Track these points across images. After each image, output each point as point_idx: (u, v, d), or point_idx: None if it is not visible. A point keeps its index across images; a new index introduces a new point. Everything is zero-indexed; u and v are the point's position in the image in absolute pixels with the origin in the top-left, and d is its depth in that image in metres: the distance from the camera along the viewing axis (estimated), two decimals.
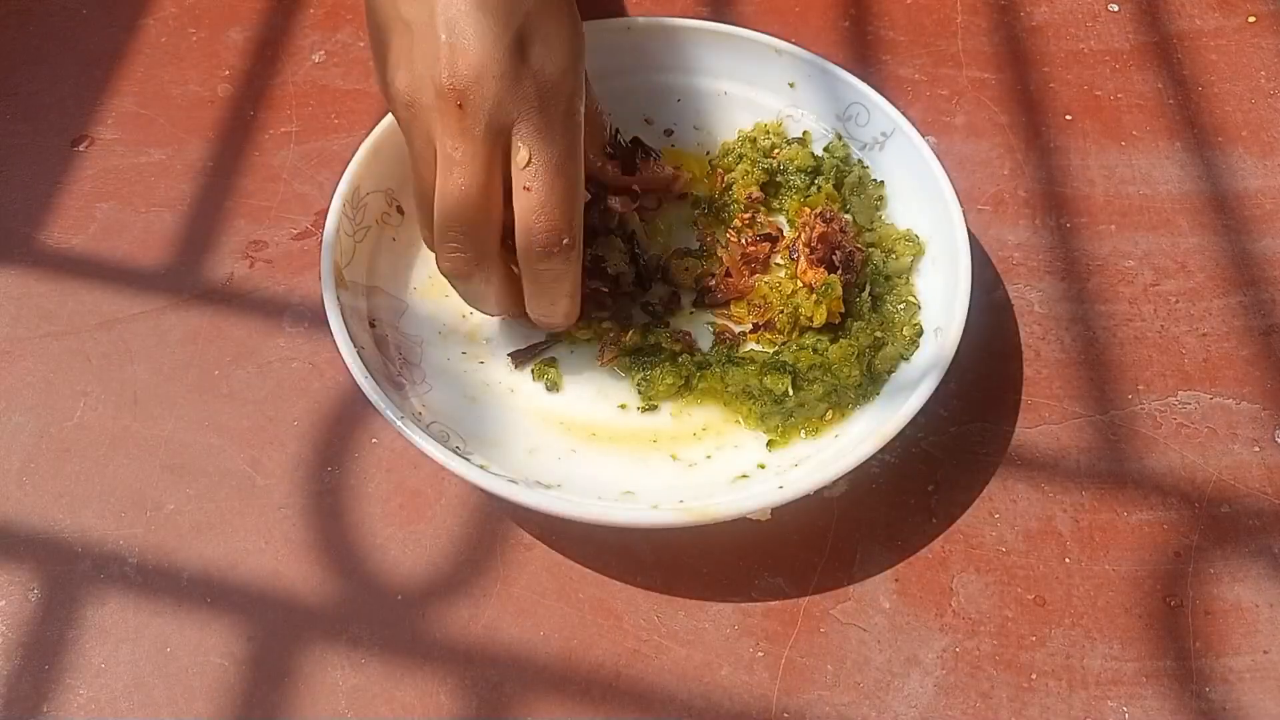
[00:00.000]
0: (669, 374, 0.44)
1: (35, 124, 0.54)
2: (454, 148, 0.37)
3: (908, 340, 0.44)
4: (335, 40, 0.57)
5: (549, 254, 0.39)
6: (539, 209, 0.38)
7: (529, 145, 0.38)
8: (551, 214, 0.39)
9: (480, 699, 0.39)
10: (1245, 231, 0.51)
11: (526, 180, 0.38)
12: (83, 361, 0.47)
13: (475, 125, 0.37)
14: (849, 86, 0.48)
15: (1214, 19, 0.58)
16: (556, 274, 0.40)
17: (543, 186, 0.38)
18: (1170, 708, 0.39)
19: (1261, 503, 0.43)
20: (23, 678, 0.40)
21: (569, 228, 0.39)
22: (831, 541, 0.43)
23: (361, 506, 0.43)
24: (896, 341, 0.44)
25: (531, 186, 0.38)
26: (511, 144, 0.38)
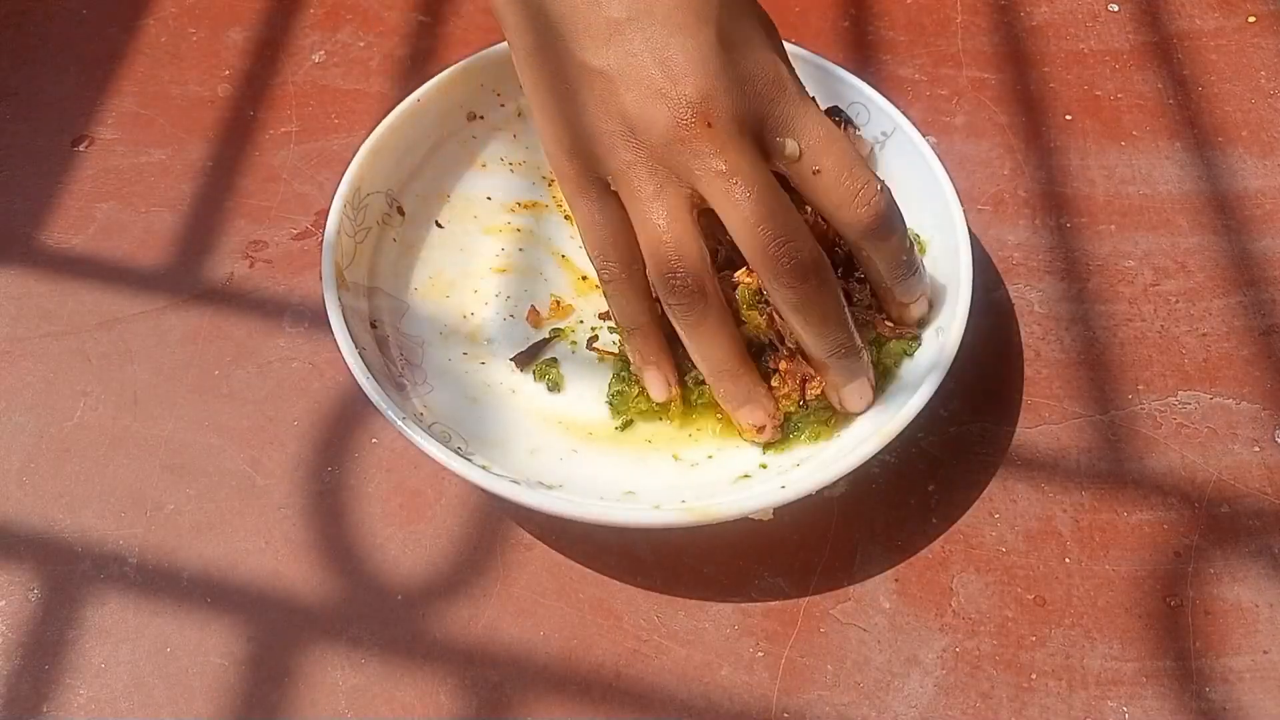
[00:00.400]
0: (644, 399, 0.43)
1: (35, 124, 0.54)
2: (724, 162, 0.36)
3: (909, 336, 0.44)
4: (335, 40, 0.57)
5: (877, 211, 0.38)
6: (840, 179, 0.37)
7: (791, 134, 0.37)
8: (855, 177, 0.37)
9: (480, 699, 0.39)
10: (1245, 231, 0.51)
11: (811, 164, 0.37)
12: (83, 361, 0.47)
13: (731, 135, 0.36)
14: (849, 86, 0.48)
15: (1214, 19, 0.58)
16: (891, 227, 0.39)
17: (829, 160, 0.37)
18: (1170, 708, 0.39)
19: (1261, 503, 0.43)
20: (23, 678, 0.40)
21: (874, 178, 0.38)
22: (831, 542, 0.43)
23: (361, 506, 0.43)
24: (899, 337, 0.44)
25: (820, 166, 0.37)
26: (770, 144, 0.37)
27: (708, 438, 0.44)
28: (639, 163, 0.37)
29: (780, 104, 0.37)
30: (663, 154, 0.37)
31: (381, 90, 0.55)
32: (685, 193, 0.37)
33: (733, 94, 0.36)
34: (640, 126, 0.36)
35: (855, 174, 0.37)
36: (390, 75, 0.56)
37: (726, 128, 0.36)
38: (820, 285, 0.38)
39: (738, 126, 0.36)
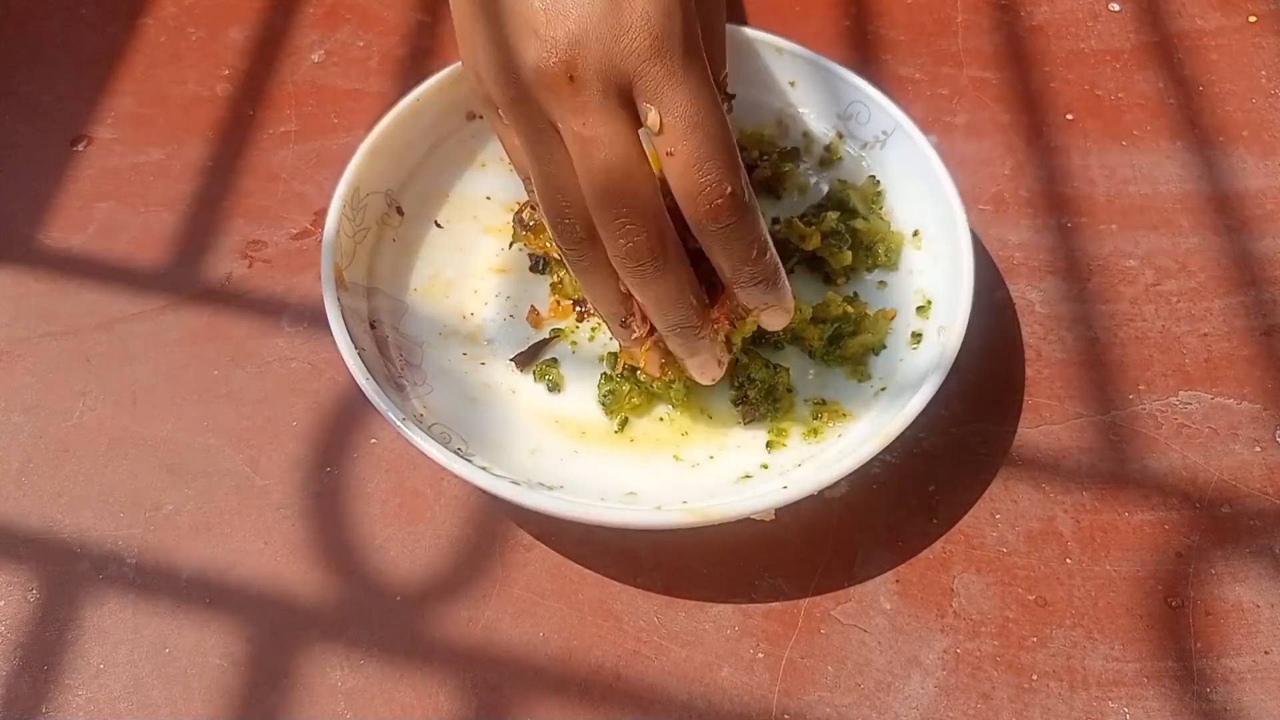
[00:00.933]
0: (635, 394, 0.44)
1: (35, 124, 0.54)
2: (582, 124, 0.34)
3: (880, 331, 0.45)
4: (335, 40, 0.57)
5: (718, 213, 0.35)
6: (690, 170, 0.34)
7: (655, 104, 0.34)
8: (705, 171, 0.34)
9: (480, 700, 0.39)
10: (1246, 231, 0.51)
11: (666, 145, 0.34)
12: (82, 361, 0.47)
13: (593, 94, 0.33)
14: (850, 85, 0.48)
15: (1215, 19, 0.58)
16: (736, 233, 0.35)
17: (686, 146, 0.34)
18: (1171, 708, 0.39)
19: (1262, 503, 0.43)
20: (22, 678, 0.40)
21: (730, 176, 0.34)
22: (832, 542, 0.43)
23: (361, 507, 0.43)
24: (873, 332, 0.44)
25: (674, 150, 0.34)
26: (637, 107, 0.34)
27: (708, 438, 0.44)
28: (519, 99, 0.35)
29: (656, 67, 0.33)
30: (534, 94, 0.34)
31: (381, 90, 0.55)
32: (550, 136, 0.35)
33: (605, 45, 0.33)
34: (514, 63, 0.34)
35: (706, 169, 0.34)
36: (390, 75, 0.56)
37: (590, 84, 0.33)
38: (655, 272, 0.36)
39: (602, 84, 0.33)
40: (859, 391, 0.44)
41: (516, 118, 0.35)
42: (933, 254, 0.46)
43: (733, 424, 0.44)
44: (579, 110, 0.34)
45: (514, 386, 0.45)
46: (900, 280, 0.47)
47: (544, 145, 0.35)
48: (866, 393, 0.44)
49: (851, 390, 0.44)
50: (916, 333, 0.44)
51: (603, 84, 0.33)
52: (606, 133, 0.34)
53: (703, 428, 0.44)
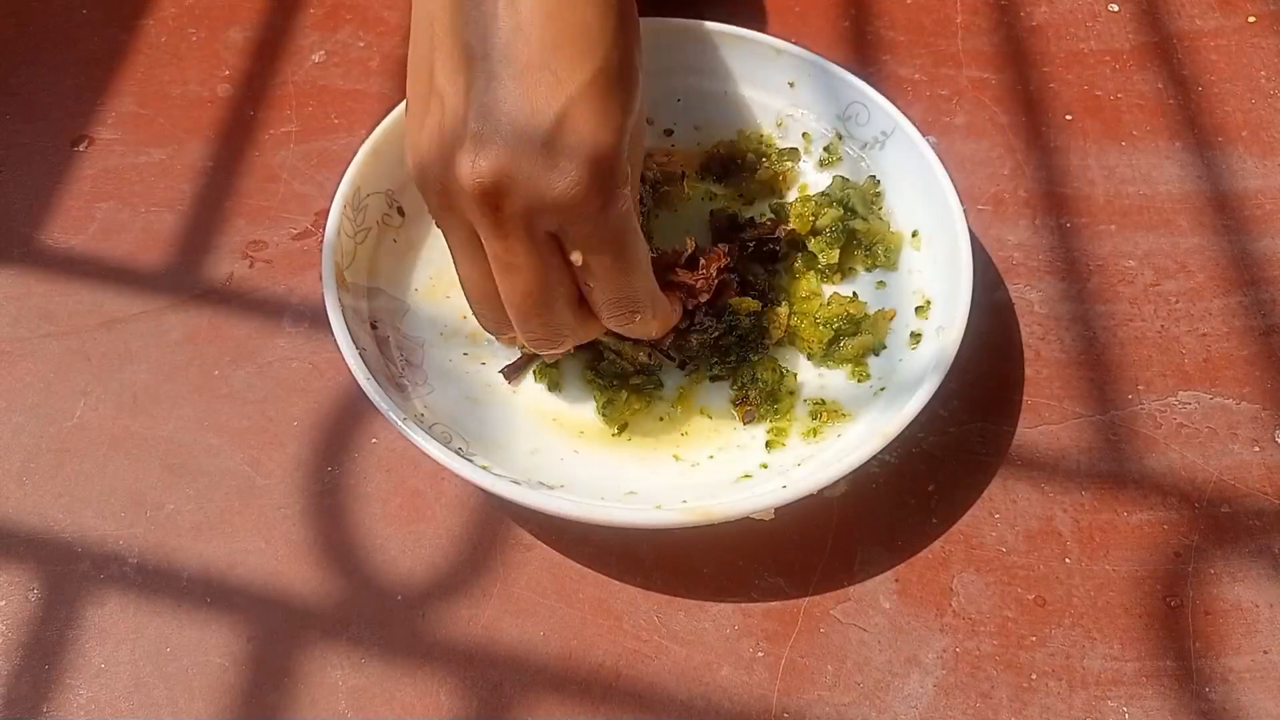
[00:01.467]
0: (634, 400, 0.44)
1: (35, 124, 0.54)
2: (503, 249, 0.35)
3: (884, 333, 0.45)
4: (335, 40, 0.57)
5: (630, 331, 0.40)
6: (608, 302, 0.38)
7: (579, 248, 0.35)
8: (621, 304, 0.38)
9: (480, 699, 0.39)
10: (1245, 231, 0.51)
11: (587, 279, 0.37)
12: (83, 361, 0.47)
13: (516, 228, 0.34)
14: (849, 86, 0.48)
15: (1214, 19, 0.58)
16: (640, 330, 0.40)
17: (605, 285, 0.37)
18: (1170, 708, 0.39)
19: (1261, 503, 0.43)
20: (22, 678, 0.40)
21: (642, 305, 0.38)
22: (832, 542, 0.43)
23: (361, 506, 0.43)
24: (872, 333, 0.44)
25: (594, 285, 0.37)
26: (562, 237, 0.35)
27: (708, 438, 0.44)
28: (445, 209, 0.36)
29: (581, 224, 0.35)
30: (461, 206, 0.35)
31: (381, 90, 0.55)
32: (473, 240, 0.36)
33: (532, 188, 0.33)
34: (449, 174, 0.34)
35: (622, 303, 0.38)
36: (390, 75, 0.56)
37: (514, 218, 0.34)
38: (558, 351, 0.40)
39: (526, 219, 0.34)
40: (859, 391, 0.44)
41: (444, 222, 0.37)
42: (932, 254, 0.46)
43: (733, 424, 0.44)
44: (501, 236, 0.35)
45: (514, 386, 0.45)
46: (899, 280, 0.47)
47: (465, 253, 0.37)
48: (866, 393, 0.44)
49: (851, 390, 0.45)
50: (915, 333, 0.44)
51: (526, 218, 0.34)
52: (525, 262, 0.35)
53: (703, 427, 0.44)
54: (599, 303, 0.38)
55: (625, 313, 0.38)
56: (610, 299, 0.38)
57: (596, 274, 0.36)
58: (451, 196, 0.35)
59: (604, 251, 0.36)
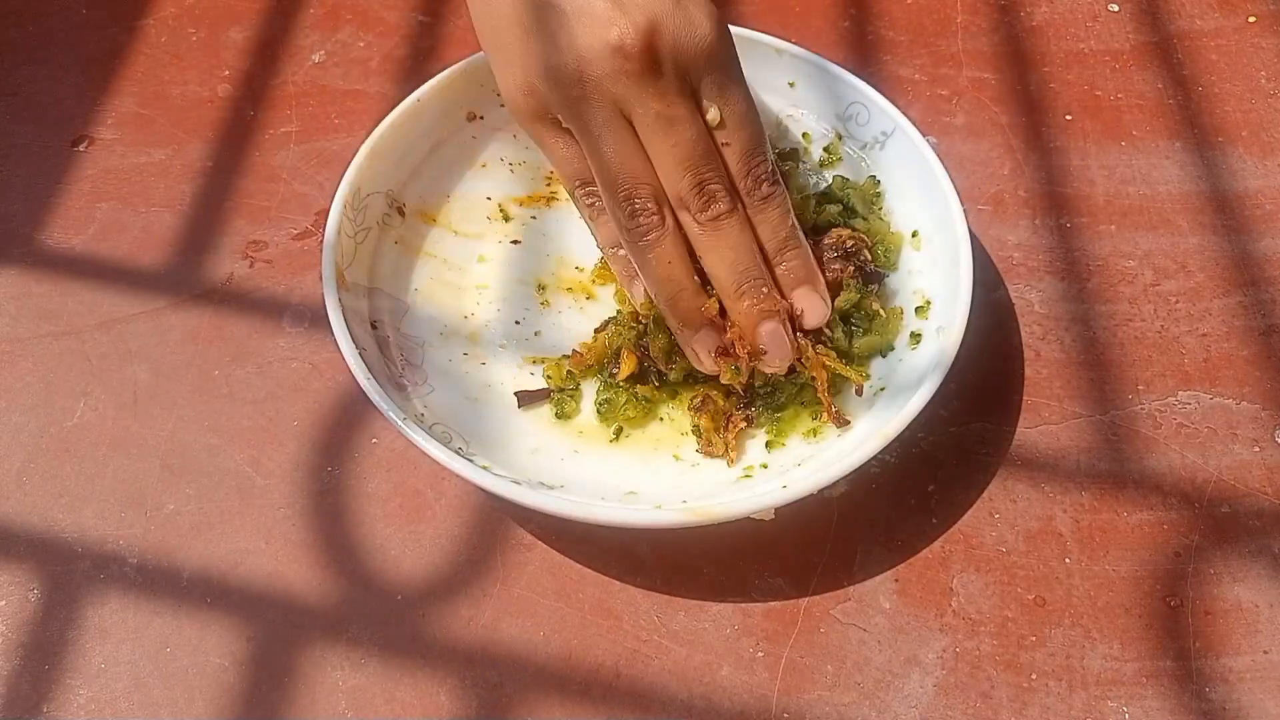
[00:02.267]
0: (631, 406, 0.43)
1: (35, 124, 0.54)
2: (666, 104, 0.38)
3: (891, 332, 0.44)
4: (335, 40, 0.57)
5: (760, 184, 0.40)
6: (743, 155, 0.39)
7: (715, 101, 0.39)
8: (754, 155, 0.40)
9: (480, 699, 0.39)
10: (1245, 231, 0.51)
11: (724, 138, 0.39)
12: (83, 361, 0.47)
13: (671, 79, 0.37)
14: (849, 86, 0.48)
15: (1214, 19, 0.58)
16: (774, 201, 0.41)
17: (740, 137, 0.39)
18: (1170, 708, 0.39)
19: (1261, 503, 0.43)
20: (22, 678, 0.40)
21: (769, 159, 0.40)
22: (832, 542, 0.43)
23: (361, 506, 0.43)
24: (882, 334, 0.44)
25: (730, 141, 0.39)
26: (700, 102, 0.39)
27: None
28: (585, 98, 0.38)
29: (717, 70, 0.38)
30: (608, 86, 0.38)
31: (381, 90, 0.55)
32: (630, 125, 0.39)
33: (679, 36, 0.37)
34: (589, 57, 0.37)
35: (755, 152, 0.40)
36: (390, 75, 0.56)
37: (668, 68, 0.37)
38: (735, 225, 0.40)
39: (678, 71, 0.38)
40: None
41: (583, 113, 0.38)
42: (932, 254, 0.46)
43: None
44: (662, 94, 0.37)
45: (515, 386, 0.45)
46: (899, 280, 0.47)
47: (615, 134, 0.39)
48: (866, 393, 0.44)
49: (851, 390, 0.44)
50: (915, 333, 0.44)
51: (677, 70, 0.37)
52: (686, 112, 0.38)
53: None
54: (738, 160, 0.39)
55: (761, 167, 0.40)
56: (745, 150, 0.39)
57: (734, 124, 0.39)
58: (596, 82, 0.37)
59: (739, 99, 0.39)
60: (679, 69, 0.38)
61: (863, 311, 0.45)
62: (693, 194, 0.39)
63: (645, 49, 0.37)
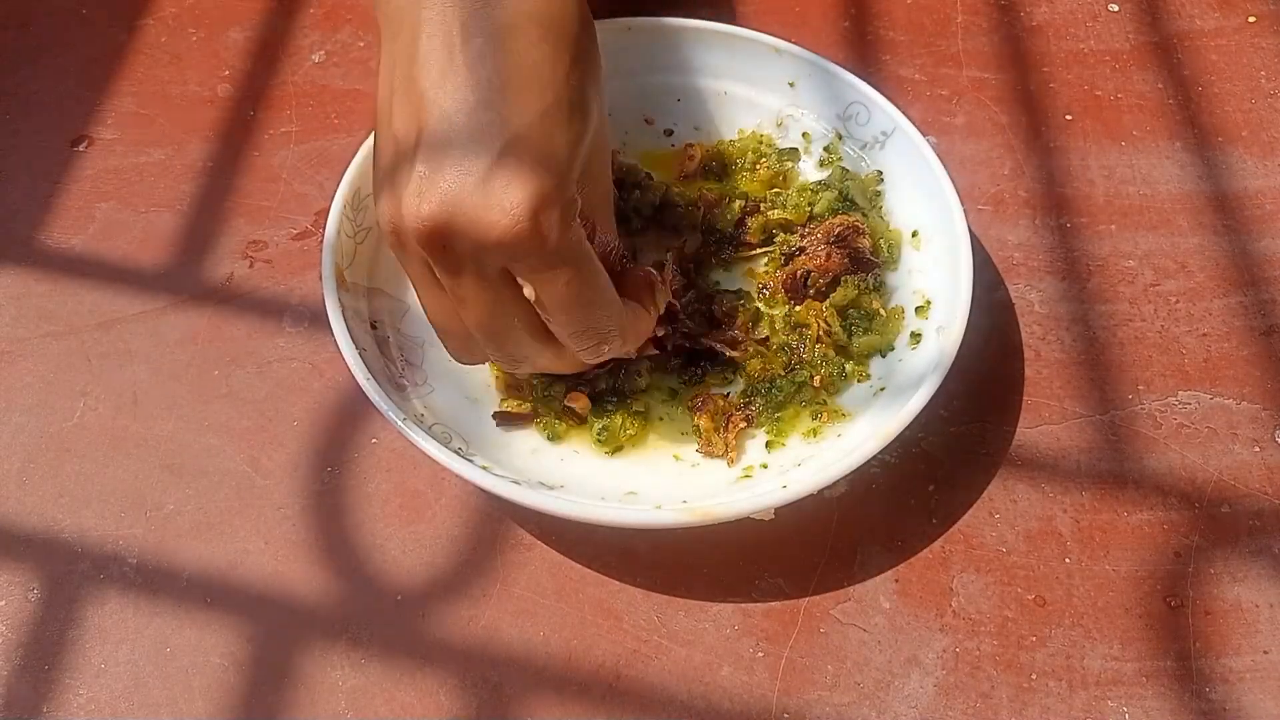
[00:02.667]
0: (630, 425, 0.43)
1: (35, 124, 0.54)
2: (454, 285, 0.35)
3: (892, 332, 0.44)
4: (335, 40, 0.57)
5: (596, 362, 0.40)
6: (570, 335, 0.37)
7: (529, 281, 0.35)
8: (582, 339, 0.37)
9: (480, 699, 0.39)
10: (1245, 231, 0.51)
11: (544, 314, 0.37)
12: (83, 361, 0.47)
13: (464, 266, 0.35)
14: (849, 86, 0.48)
15: (1214, 19, 0.58)
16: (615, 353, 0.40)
17: (563, 318, 0.36)
18: (1170, 708, 0.39)
19: (1262, 503, 0.43)
20: (22, 678, 0.40)
21: (608, 334, 0.38)
22: (832, 542, 0.43)
23: (361, 507, 0.43)
24: (883, 334, 0.44)
25: (552, 319, 0.37)
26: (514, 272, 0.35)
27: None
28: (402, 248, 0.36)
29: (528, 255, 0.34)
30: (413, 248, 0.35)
31: None
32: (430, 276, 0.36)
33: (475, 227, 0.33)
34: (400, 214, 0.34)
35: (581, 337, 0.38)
36: None
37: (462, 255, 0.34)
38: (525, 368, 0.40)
39: (474, 256, 0.34)
40: (859, 391, 0.44)
41: (402, 259, 0.36)
42: (932, 254, 0.46)
43: None
44: (451, 274, 0.35)
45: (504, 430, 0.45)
46: (899, 280, 0.47)
47: (423, 285, 0.37)
48: (866, 393, 0.44)
49: (851, 390, 0.45)
50: (915, 333, 0.44)
51: (474, 255, 0.34)
52: (476, 297, 0.36)
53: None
54: (561, 335, 0.37)
55: (591, 344, 0.38)
56: (571, 331, 0.37)
57: (551, 308, 0.36)
58: (403, 235, 0.35)
59: (555, 284, 0.35)
60: (476, 255, 0.34)
61: (863, 310, 0.45)
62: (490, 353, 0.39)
63: (434, 233, 0.34)
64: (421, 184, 0.34)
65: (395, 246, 0.36)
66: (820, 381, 0.43)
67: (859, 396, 0.44)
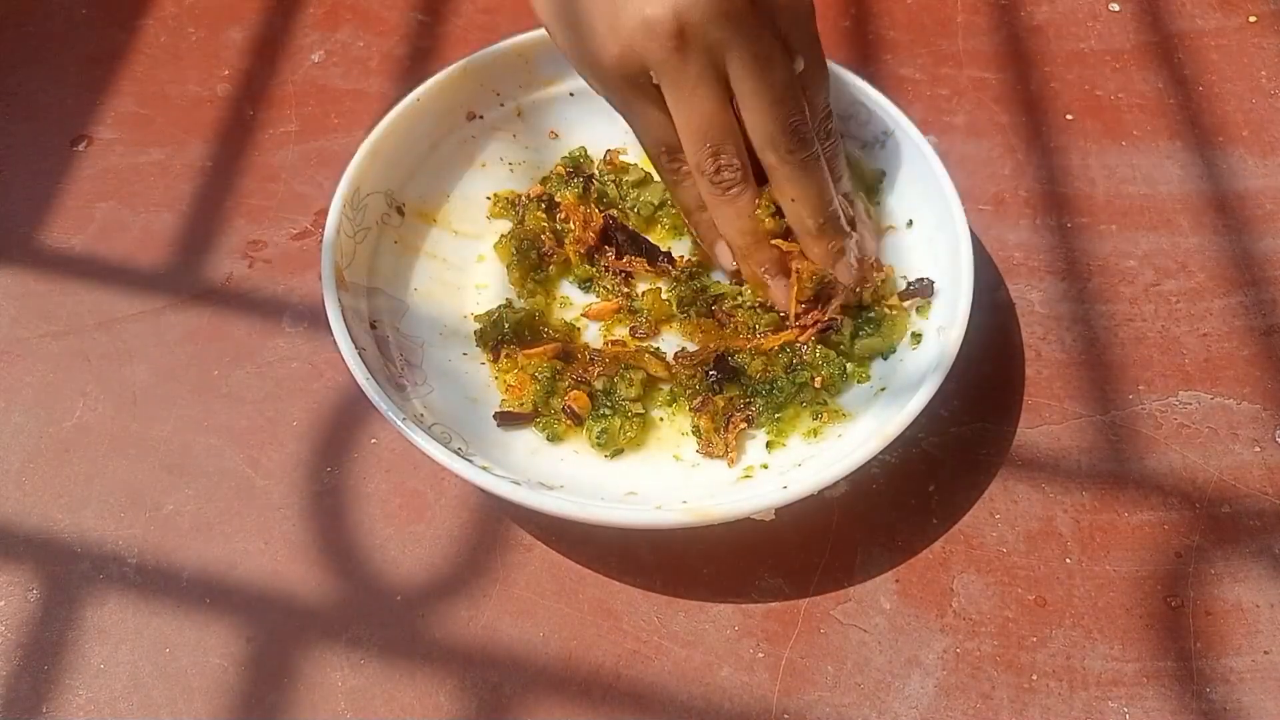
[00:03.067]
0: (629, 427, 0.43)
1: (35, 124, 0.54)
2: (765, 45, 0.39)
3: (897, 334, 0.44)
4: (335, 40, 0.57)
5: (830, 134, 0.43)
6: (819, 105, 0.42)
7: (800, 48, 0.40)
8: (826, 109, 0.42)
9: (480, 700, 0.39)
10: (1246, 231, 0.51)
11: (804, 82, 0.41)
12: (83, 361, 0.47)
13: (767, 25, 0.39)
14: (850, 86, 0.48)
15: (1214, 19, 0.58)
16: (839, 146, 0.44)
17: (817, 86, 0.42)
18: (1171, 708, 0.39)
19: (1262, 503, 0.43)
20: (22, 678, 0.40)
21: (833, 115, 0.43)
22: (832, 542, 0.43)
23: (361, 507, 0.43)
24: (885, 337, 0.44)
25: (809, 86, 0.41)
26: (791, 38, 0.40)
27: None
28: (682, 48, 0.38)
29: (803, 13, 0.40)
30: (706, 31, 0.38)
31: (381, 90, 0.55)
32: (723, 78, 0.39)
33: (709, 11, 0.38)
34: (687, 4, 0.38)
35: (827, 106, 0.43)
36: (390, 75, 0.56)
37: (763, 12, 0.39)
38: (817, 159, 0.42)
39: (770, 16, 0.39)
40: (859, 392, 0.44)
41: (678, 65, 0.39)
42: (933, 254, 0.46)
43: None
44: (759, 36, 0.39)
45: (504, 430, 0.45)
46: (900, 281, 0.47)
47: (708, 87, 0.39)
48: (866, 393, 0.44)
49: (851, 390, 0.44)
50: (916, 333, 0.44)
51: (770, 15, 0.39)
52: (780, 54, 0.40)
53: None
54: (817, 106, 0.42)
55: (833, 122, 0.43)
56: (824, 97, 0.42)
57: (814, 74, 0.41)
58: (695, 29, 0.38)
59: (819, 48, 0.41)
60: (770, 14, 0.39)
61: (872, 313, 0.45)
62: (785, 134, 0.40)
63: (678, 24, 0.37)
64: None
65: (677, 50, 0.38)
66: (821, 382, 0.43)
67: (859, 397, 0.44)
